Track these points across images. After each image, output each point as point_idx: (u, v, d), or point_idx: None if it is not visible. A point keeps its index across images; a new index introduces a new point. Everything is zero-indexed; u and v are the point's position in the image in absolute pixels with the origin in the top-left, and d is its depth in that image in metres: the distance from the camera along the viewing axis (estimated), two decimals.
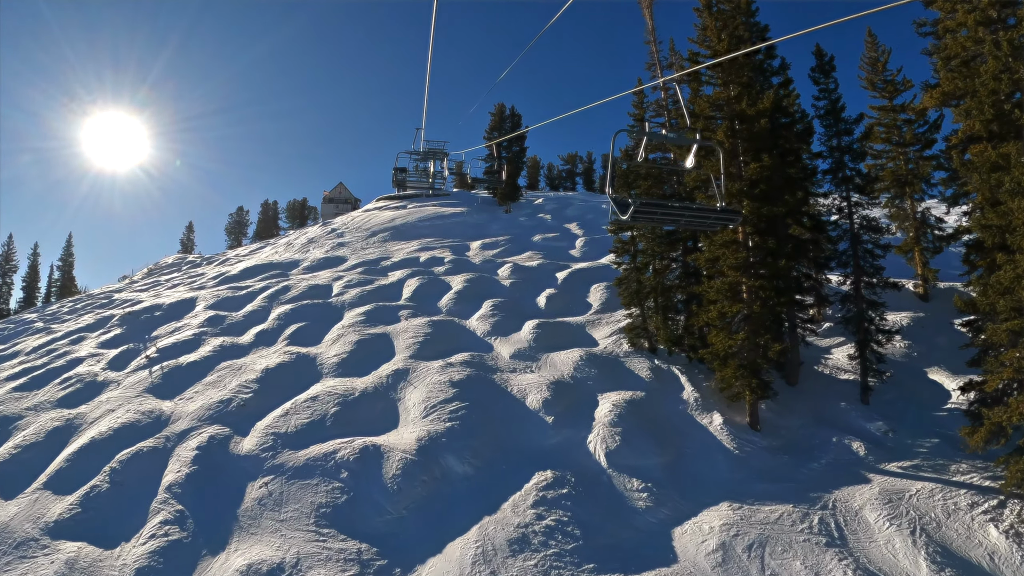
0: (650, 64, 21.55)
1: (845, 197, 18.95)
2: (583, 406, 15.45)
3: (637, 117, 20.64)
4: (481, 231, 37.15)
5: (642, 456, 13.77)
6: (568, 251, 31.46)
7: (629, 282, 18.54)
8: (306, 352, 19.84)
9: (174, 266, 49.21)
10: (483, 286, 24.38)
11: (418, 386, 16.20)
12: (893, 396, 18.22)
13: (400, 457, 13.27)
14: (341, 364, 18.45)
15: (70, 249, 67.83)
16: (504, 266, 27.20)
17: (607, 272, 25.36)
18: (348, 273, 28.51)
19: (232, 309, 26.14)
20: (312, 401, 16.17)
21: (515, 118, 44.42)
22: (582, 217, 38.66)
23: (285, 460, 14.13)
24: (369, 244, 37.30)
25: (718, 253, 15.59)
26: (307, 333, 21.56)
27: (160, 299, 31.19)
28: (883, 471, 14.98)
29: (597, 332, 19.95)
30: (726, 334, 15.70)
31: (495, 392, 15.84)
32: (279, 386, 17.88)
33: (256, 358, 20.36)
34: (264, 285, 28.71)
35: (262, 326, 23.11)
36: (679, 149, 15.89)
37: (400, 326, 20.64)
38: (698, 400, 16.40)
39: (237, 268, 35.29)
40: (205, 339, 23.03)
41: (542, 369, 17.32)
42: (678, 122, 19.98)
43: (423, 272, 27.16)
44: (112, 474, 14.82)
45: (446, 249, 33.20)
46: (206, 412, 17.08)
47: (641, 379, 17.08)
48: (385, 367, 17.69)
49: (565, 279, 24.74)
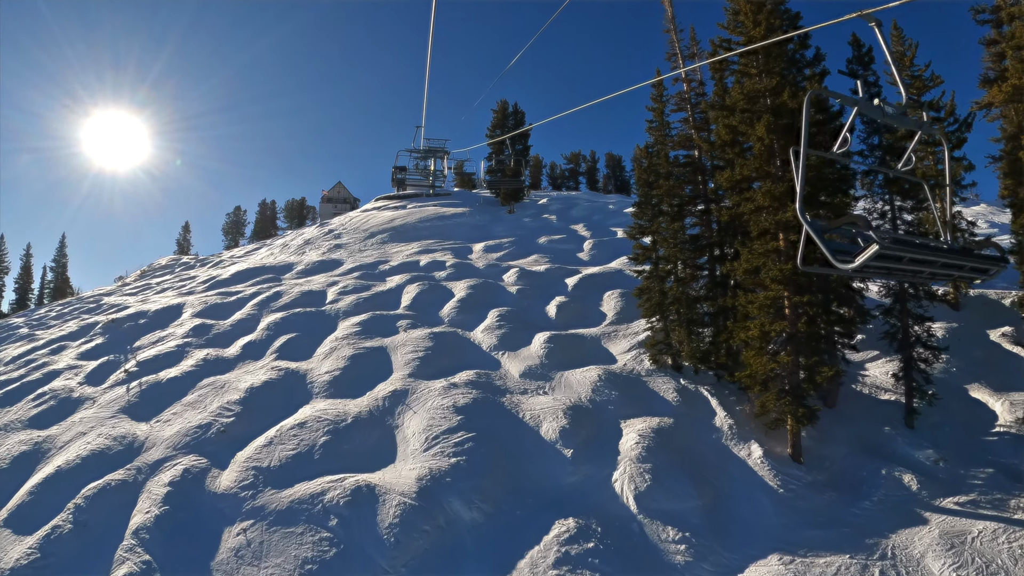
0: (670, 54, 19.54)
1: (888, 201, 16.96)
2: (605, 436, 13.47)
3: (657, 111, 18.61)
4: (484, 232, 35.12)
5: (676, 498, 11.79)
6: (576, 254, 29.45)
7: (651, 292, 16.52)
8: (295, 368, 17.82)
9: (167, 268, 47.15)
10: (488, 293, 22.38)
11: (418, 411, 14.20)
12: (938, 419, 16.31)
13: (398, 501, 11.28)
14: (333, 383, 16.45)
15: (63, 250, 65.58)
16: (510, 271, 25.17)
17: (620, 278, 23.37)
18: (344, 278, 26.47)
19: (220, 317, 24.11)
20: (299, 428, 14.16)
21: (518, 115, 42.36)
22: (588, 218, 36.64)
23: (267, 502, 12.13)
24: (367, 246, 35.27)
25: (759, 263, 13.59)
26: (298, 345, 19.54)
27: (147, 305, 29.16)
28: (939, 508, 13.17)
29: (614, 346, 17.96)
30: (766, 355, 13.73)
31: (505, 419, 13.84)
32: (264, 408, 15.89)
33: (241, 374, 18.35)
34: (255, 291, 26.67)
35: (250, 337, 21.09)
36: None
37: (398, 338, 18.63)
38: (733, 428, 14.43)
39: (229, 271, 33.23)
40: (189, 351, 21.02)
41: (556, 390, 15.32)
42: (704, 116, 17.98)
43: (423, 277, 25.13)
44: (76, 512, 12.89)
45: (447, 252, 31.17)
46: (183, 439, 15.10)
47: (667, 402, 15.10)
48: (381, 387, 15.69)
49: (576, 285, 22.73)
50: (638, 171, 17.09)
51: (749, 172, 14.33)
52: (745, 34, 15.33)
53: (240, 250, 51.30)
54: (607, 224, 35.02)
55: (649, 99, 18.64)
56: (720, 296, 16.55)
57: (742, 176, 14.33)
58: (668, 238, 16.81)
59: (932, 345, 16.33)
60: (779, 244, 13.99)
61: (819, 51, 17.15)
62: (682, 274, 16.62)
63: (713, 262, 17.08)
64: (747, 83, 15.54)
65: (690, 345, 16.38)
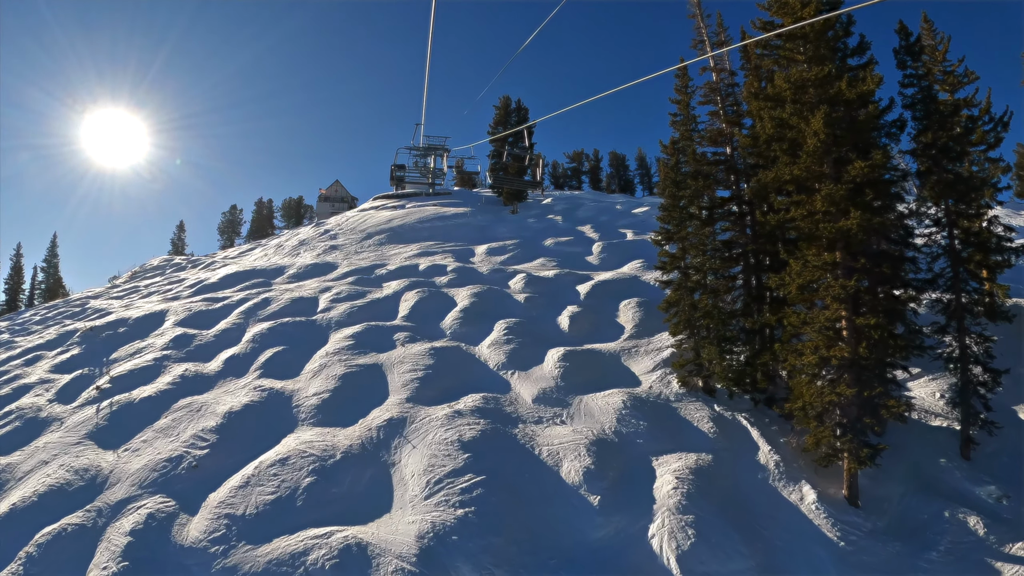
0: (696, 41, 17.43)
1: (945, 207, 14.95)
2: (636, 477, 11.42)
3: (682, 104, 16.52)
4: (486, 234, 32.99)
5: (726, 558, 9.76)
6: (584, 258, 27.35)
7: (680, 306, 14.45)
8: (280, 388, 15.73)
9: (158, 269, 44.86)
10: (493, 302, 20.28)
11: (418, 446, 12.13)
12: (994, 448, 14.39)
13: (395, 567, 9.21)
14: (321, 407, 14.36)
15: (55, 250, 63.05)
16: (516, 277, 23.06)
17: (636, 286, 21.31)
18: (337, 283, 24.34)
19: (203, 326, 21.98)
20: (281, 466, 12.07)
21: (521, 111, 40.15)
22: (596, 219, 34.52)
23: (240, 560, 10.06)
24: (363, 248, 33.12)
25: (813, 277, 11.53)
26: (284, 361, 17.43)
27: (129, 311, 26.99)
28: (1011, 557, 11.40)
29: (636, 364, 15.91)
30: (821, 383, 11.71)
31: (519, 457, 11.77)
32: (243, 438, 13.81)
33: (221, 394, 16.26)
34: (243, 296, 24.52)
35: (233, 350, 18.97)
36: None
37: (395, 354, 16.53)
38: (779, 465, 12.40)
39: (218, 275, 31.04)
40: (167, 365, 18.92)
41: (576, 419, 13.26)
42: (735, 110, 15.89)
43: (423, 283, 23.02)
44: (27, 563, 10.96)
45: (448, 254, 29.05)
46: (150, 474, 13.07)
47: (703, 434, 13.07)
48: (376, 414, 13.61)
49: (588, 294, 20.65)
50: (663, 170, 15.00)
51: (800, 172, 12.26)
52: (792, 15, 13.24)
53: (234, 251, 49.09)
54: (616, 225, 32.93)
55: (669, 92, 16.68)
56: (758, 311, 14.50)
57: (792, 176, 12.25)
58: (696, 244, 14.74)
59: (993, 368, 14.36)
60: (836, 256, 11.95)
61: (863, 39, 15.00)
62: (714, 285, 14.54)
63: (749, 272, 15.02)
64: (793, 71, 13.47)
65: (722, 365, 14.34)
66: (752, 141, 13.42)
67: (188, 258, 48.98)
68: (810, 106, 12.72)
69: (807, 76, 12.89)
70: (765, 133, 12.82)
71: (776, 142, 12.78)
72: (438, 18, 8.04)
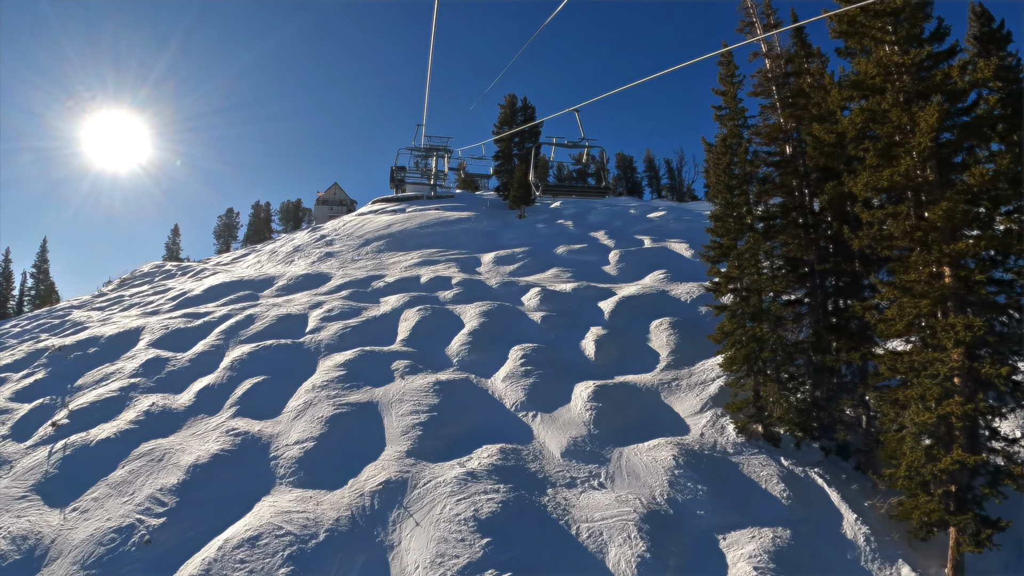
0: (745, 23, 14.77)
1: None
2: (703, 567, 8.74)
3: (728, 95, 13.84)
4: (493, 240, 30.29)
5: None
6: (601, 267, 24.66)
7: (738, 337, 11.76)
8: (257, 432, 13.04)
9: (147, 276, 42.03)
10: (506, 322, 17.59)
11: (423, 522, 9.43)
12: None
13: None
14: (304, 462, 11.66)
15: (44, 255, 60.20)
16: (529, 291, 20.35)
17: (665, 303, 18.62)
18: (330, 298, 21.63)
19: (179, 347, 19.27)
20: (251, 548, 9.37)
21: (528, 110, 37.50)
22: (609, 224, 31.81)
23: None
24: (360, 255, 30.41)
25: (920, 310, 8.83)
26: (264, 395, 14.74)
27: (104, 327, 24.28)
28: None
29: (680, 402, 13.22)
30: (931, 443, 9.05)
31: (552, 539, 9.07)
32: (208, 502, 11.13)
33: (189, 438, 13.58)
34: (226, 312, 21.80)
35: (208, 379, 16.28)
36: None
37: (394, 390, 13.84)
38: (869, 539, 9.73)
39: (204, 285, 28.32)
40: (133, 397, 16.23)
41: (617, 481, 10.56)
42: (795, 102, 13.20)
43: (425, 299, 20.31)
44: None
45: (452, 263, 26.33)
46: (96, 548, 10.47)
47: (774, 500, 10.39)
48: (370, 473, 10.92)
49: (613, 312, 17.95)
50: (715, 172, 12.32)
51: (900, 178, 9.60)
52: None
53: (227, 256, 46.39)
54: (631, 231, 30.24)
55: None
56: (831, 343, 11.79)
57: (891, 182, 9.56)
58: (749, 262, 12.05)
59: None
60: (946, 281, 9.26)
61: (941, 23, 12.21)
62: (778, 312, 11.86)
63: (820, 296, 12.30)
64: (878, 54, 10.80)
65: (783, 405, 11.69)
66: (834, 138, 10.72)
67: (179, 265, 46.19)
68: (905, 97, 10.06)
69: (902, 61, 10.22)
70: (854, 128, 10.13)
71: (867, 140, 10.10)
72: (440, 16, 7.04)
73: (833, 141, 10.63)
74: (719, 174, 12.16)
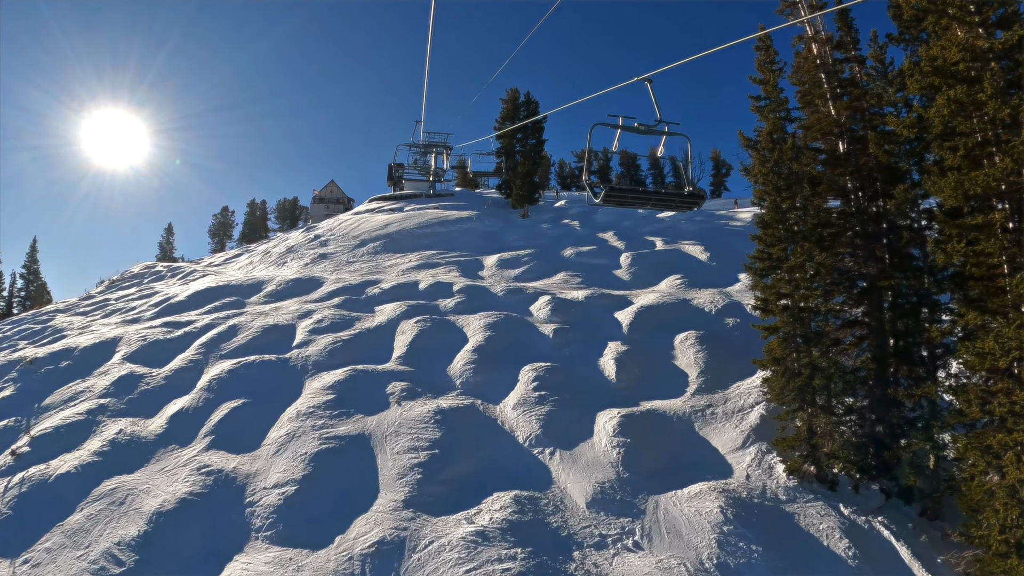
0: (787, 3, 12.87)
1: None
2: None
3: (769, 84, 12.01)
4: (496, 242, 28.42)
5: None
6: (613, 271, 22.84)
7: (789, 364, 9.96)
8: (232, 471, 11.24)
9: (136, 278, 40.03)
10: (514, 336, 15.78)
11: None
12: None
13: None
14: (283, 511, 9.85)
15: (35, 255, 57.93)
16: (539, 300, 18.53)
17: (687, 313, 16.81)
18: (321, 306, 19.78)
19: (155, 362, 17.42)
20: None
21: (531, 105, 35.55)
22: (617, 224, 29.94)
23: None
24: (356, 257, 28.53)
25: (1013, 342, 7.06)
26: (243, 422, 12.94)
27: (81, 337, 22.45)
28: None
29: (717, 435, 11.43)
30: None
31: None
32: (172, 557, 9.43)
33: (156, 475, 11.80)
34: (209, 322, 19.94)
35: (184, 401, 14.48)
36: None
37: (388, 419, 12.03)
38: None
39: (189, 290, 26.42)
40: (101, 423, 14.47)
41: (655, 538, 8.78)
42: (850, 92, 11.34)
43: (424, 308, 18.48)
44: None
45: (453, 267, 24.48)
46: None
47: (839, 560, 8.63)
48: (360, 529, 9.12)
49: (632, 325, 16.14)
50: (761, 171, 10.52)
51: (994, 183, 7.81)
52: None
53: (220, 257, 44.46)
54: (640, 232, 28.42)
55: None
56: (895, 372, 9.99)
57: (986, 187, 7.77)
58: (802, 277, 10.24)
59: None
60: None
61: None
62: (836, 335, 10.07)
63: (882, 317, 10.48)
64: (960, 35, 9.00)
65: (837, 441, 9.94)
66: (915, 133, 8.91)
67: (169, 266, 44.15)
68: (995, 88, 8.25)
69: (990, 45, 8.41)
70: (940, 122, 8.32)
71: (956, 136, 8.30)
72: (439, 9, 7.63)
73: (913, 136, 8.80)
74: (766, 173, 10.34)
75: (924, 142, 9.80)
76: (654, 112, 6.68)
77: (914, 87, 8.83)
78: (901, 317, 10.19)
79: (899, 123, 9.09)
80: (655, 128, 6.66)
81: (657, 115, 6.54)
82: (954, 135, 8.69)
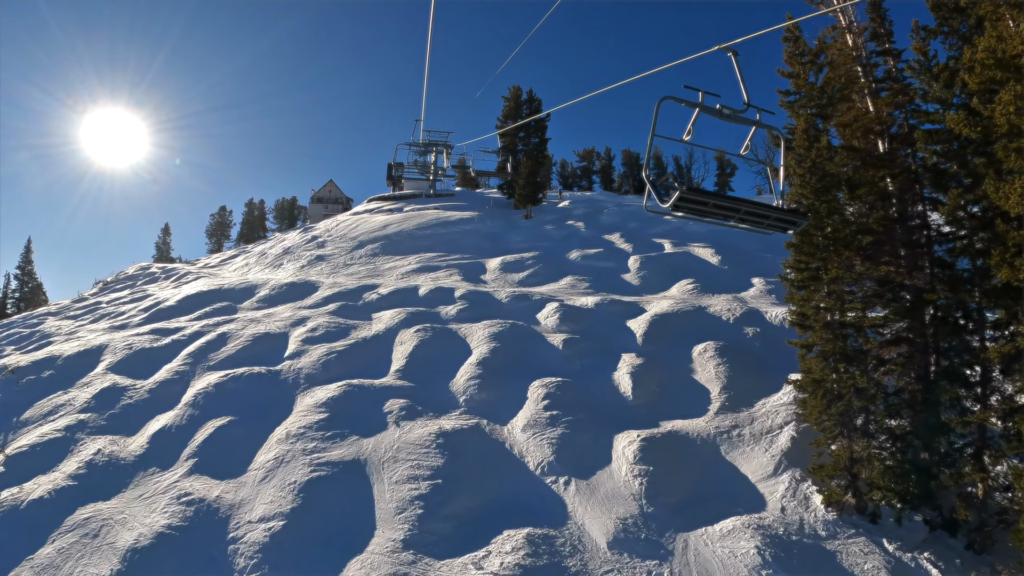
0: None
1: None
2: None
3: (800, 78, 11.00)
4: (498, 243, 27.41)
5: None
6: (621, 275, 21.86)
7: (829, 386, 8.97)
8: (216, 500, 10.22)
9: (130, 280, 38.96)
10: (521, 347, 14.77)
11: None
12: None
13: None
14: (270, 549, 8.84)
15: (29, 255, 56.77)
16: (546, 307, 17.52)
17: (705, 322, 15.82)
18: (316, 312, 18.75)
19: (140, 373, 16.40)
20: None
21: (534, 103, 34.52)
22: (623, 226, 28.94)
23: None
24: (353, 259, 27.50)
25: None
26: (229, 442, 11.92)
27: (66, 344, 21.40)
28: None
29: (746, 460, 10.43)
30: None
31: None
32: None
33: (133, 503, 10.81)
34: (198, 329, 18.91)
35: (167, 418, 13.46)
36: None
37: (386, 441, 11.02)
38: None
39: (180, 294, 25.38)
40: (80, 441, 13.49)
41: None
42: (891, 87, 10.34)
43: (424, 315, 17.44)
44: None
45: (454, 270, 23.47)
46: None
47: None
48: (353, 573, 8.11)
49: (647, 335, 15.14)
50: (798, 171, 9.53)
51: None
52: None
53: (215, 258, 43.38)
54: (648, 234, 27.41)
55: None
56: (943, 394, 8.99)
57: None
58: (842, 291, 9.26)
59: None
60: None
61: None
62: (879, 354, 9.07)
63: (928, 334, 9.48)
64: (1010, 26, 8.01)
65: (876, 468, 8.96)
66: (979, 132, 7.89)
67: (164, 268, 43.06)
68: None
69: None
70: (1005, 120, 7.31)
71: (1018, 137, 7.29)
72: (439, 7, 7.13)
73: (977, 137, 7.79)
74: (802, 174, 9.34)
75: (973, 143, 8.83)
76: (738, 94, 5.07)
77: (973, 82, 7.82)
78: (947, 335, 9.20)
79: (958, 121, 8.08)
80: (741, 115, 5.10)
81: (744, 98, 5.13)
82: (1020, 135, 7.69)
